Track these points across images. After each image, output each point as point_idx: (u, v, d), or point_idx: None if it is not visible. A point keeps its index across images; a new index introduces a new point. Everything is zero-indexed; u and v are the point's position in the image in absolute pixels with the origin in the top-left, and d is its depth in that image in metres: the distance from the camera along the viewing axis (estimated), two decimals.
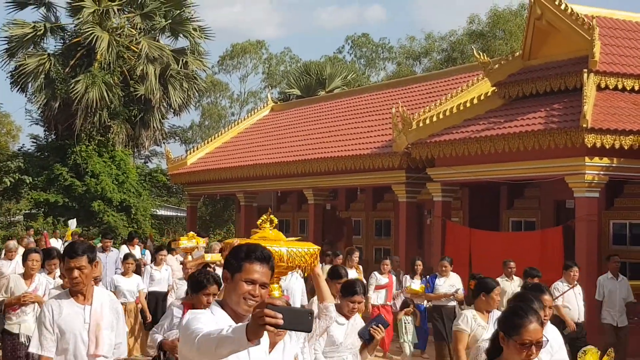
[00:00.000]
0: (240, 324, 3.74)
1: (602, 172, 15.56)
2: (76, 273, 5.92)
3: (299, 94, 40.42)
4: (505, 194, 20.08)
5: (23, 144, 47.83)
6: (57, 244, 22.96)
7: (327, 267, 16.69)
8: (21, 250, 22.01)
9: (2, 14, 58.34)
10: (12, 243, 15.78)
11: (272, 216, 6.49)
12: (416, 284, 15.17)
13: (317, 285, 6.35)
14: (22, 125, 50.63)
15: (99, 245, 18.16)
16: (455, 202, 20.05)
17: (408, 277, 15.94)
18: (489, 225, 19.22)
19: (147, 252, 20.40)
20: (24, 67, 32.82)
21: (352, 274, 13.52)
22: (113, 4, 33.59)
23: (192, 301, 7.42)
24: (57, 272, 18.87)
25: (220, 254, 11.86)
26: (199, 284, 7.26)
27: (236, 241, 14.47)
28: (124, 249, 19.27)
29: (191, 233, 15.37)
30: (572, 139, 15.22)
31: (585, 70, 15.97)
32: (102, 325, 6.02)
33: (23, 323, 9.75)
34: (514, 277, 13.96)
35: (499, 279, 11.59)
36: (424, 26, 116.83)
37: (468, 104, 18.80)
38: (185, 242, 14.89)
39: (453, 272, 14.81)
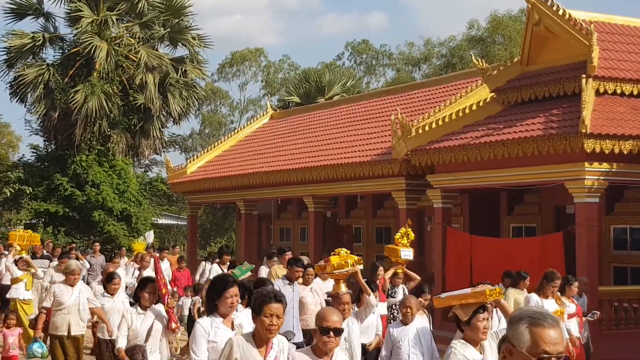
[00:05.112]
0: None
1: (602, 177, 15.53)
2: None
3: (298, 101, 40.43)
4: (505, 200, 20.07)
5: (23, 154, 48.02)
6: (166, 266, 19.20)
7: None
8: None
9: (1, 24, 58.40)
10: (117, 274, 12.28)
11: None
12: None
13: None
14: (22, 136, 50.67)
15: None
16: (456, 209, 20.03)
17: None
18: (489, 232, 19.20)
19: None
20: (23, 77, 32.81)
21: (551, 304, 10.81)
22: (112, 13, 33.61)
23: None
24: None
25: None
26: None
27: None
28: (216, 268, 15.71)
29: (343, 250, 9.94)
30: (571, 144, 15.20)
31: (584, 75, 15.96)
32: None
33: None
34: None
35: None
36: (424, 32, 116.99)
37: (467, 110, 18.79)
38: (338, 263, 9.59)
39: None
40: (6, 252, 20.13)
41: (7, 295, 17.59)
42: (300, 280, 12.23)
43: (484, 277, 17.02)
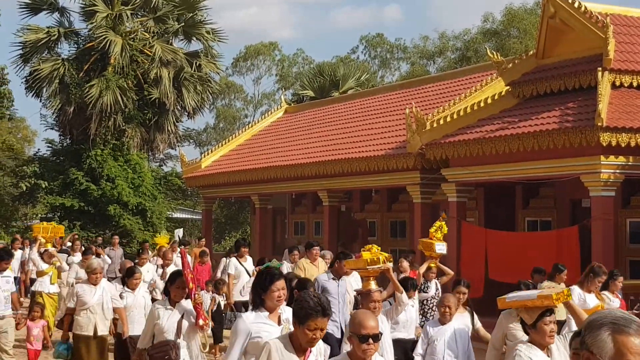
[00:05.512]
0: None
1: (617, 171, 15.45)
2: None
3: (313, 95, 40.40)
4: (521, 193, 19.97)
5: (38, 149, 48.13)
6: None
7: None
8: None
9: (16, 19, 58.60)
10: (138, 268, 11.94)
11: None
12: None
13: None
14: (37, 130, 50.91)
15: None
16: (471, 203, 19.96)
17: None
18: (504, 226, 19.12)
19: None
20: (38, 72, 32.94)
21: (592, 299, 10.37)
22: (126, 8, 33.68)
23: None
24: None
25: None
26: None
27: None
28: (234, 262, 15.59)
29: (375, 247, 9.48)
30: (587, 137, 15.12)
31: (600, 68, 15.88)
32: None
33: None
34: None
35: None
36: (439, 25, 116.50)
37: (482, 104, 18.72)
38: (370, 259, 9.16)
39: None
40: (29, 248, 19.98)
41: (32, 288, 17.34)
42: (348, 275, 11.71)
43: (499, 271, 17.03)
